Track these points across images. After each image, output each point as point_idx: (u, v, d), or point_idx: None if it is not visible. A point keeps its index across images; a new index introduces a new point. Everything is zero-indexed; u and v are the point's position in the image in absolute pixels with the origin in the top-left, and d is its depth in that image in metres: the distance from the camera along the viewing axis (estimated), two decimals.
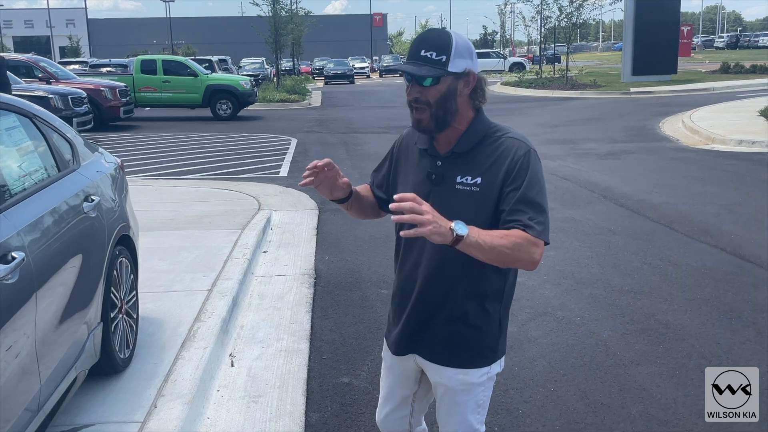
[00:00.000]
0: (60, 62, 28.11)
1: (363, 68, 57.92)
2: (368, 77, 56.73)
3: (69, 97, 15.05)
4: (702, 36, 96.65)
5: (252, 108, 23.59)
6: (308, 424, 3.60)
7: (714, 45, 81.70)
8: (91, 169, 3.76)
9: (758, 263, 6.08)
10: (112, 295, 3.65)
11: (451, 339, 2.18)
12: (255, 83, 25.54)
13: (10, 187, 2.83)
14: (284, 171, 11.76)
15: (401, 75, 2.05)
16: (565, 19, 32.54)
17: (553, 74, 36.51)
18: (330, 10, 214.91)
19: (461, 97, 2.05)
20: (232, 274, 5.60)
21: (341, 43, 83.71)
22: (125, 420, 3.36)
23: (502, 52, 59.57)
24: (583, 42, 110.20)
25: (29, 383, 2.64)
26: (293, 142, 15.43)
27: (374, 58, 72.63)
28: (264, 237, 7.17)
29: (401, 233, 1.82)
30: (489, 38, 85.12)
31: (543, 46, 45.77)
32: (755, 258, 6.22)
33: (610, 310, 5.11)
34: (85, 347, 3.26)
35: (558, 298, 5.37)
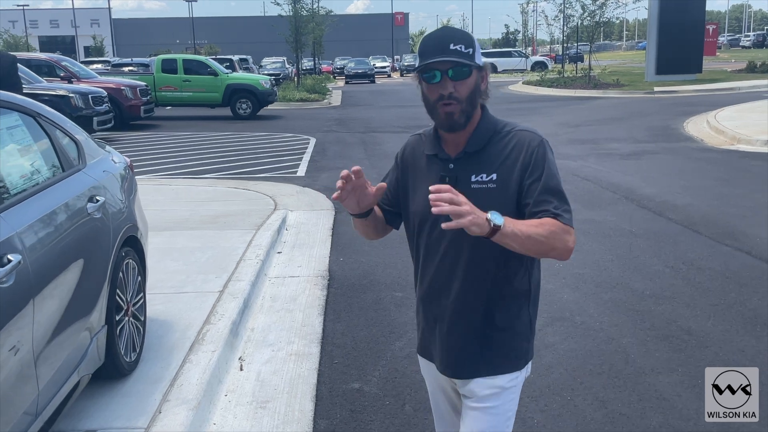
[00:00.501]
0: (83, 62, 28.30)
1: (384, 67, 57.84)
2: (389, 76, 56.65)
3: (90, 96, 15.10)
4: (728, 35, 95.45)
5: (272, 107, 23.59)
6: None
7: (740, 44, 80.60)
8: (98, 169, 3.69)
9: None
10: (118, 298, 3.58)
11: (483, 345, 2.11)
12: (275, 82, 25.56)
13: (9, 188, 2.77)
14: (302, 171, 11.69)
15: (421, 73, 1.96)
16: (588, 18, 32.23)
17: (576, 73, 36.17)
18: (352, 10, 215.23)
19: (481, 92, 2.03)
20: (245, 276, 5.53)
21: (363, 43, 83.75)
22: (128, 426, 3.29)
23: (524, 52, 59.19)
24: (607, 41, 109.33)
25: (26, 389, 2.57)
26: (312, 142, 15.37)
27: (395, 58, 72.52)
28: (279, 237, 7.09)
29: (442, 225, 1.77)
30: (511, 37, 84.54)
31: (566, 45, 45.37)
32: None
33: (631, 316, 4.97)
34: (88, 351, 3.19)
35: (576, 303, 5.23)
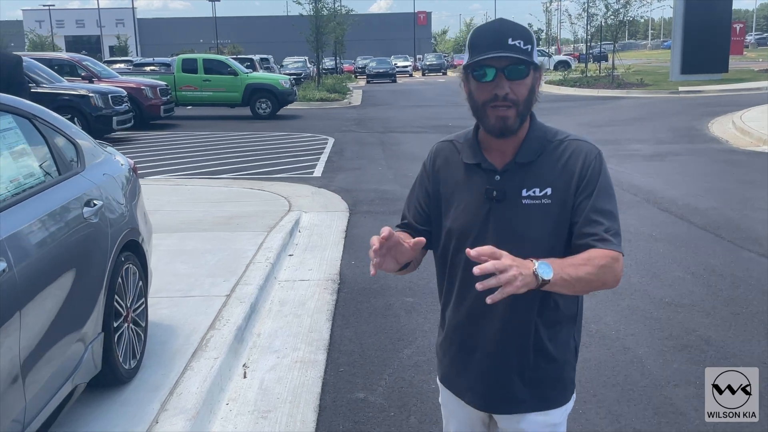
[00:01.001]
0: (105, 61, 28.50)
1: (405, 67, 57.74)
2: (411, 76, 56.54)
3: (109, 96, 15.14)
4: (755, 33, 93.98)
5: (291, 107, 23.56)
6: None
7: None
8: (97, 172, 3.61)
9: None
10: (117, 304, 3.50)
11: (532, 377, 1.92)
12: (295, 82, 25.54)
13: None
14: (318, 171, 11.61)
15: (472, 70, 1.72)
16: (612, 17, 31.86)
17: (599, 73, 35.76)
18: (375, 9, 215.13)
19: (536, 94, 1.82)
20: (253, 279, 5.44)
21: (385, 42, 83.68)
22: None
23: (547, 51, 58.71)
24: (632, 40, 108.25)
25: (12, 399, 2.49)
26: (330, 142, 15.29)
27: (417, 57, 72.33)
28: (291, 240, 7.00)
29: (487, 300, 1.54)
30: (534, 36, 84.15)
31: (589, 44, 44.91)
32: None
33: (648, 324, 4.80)
34: (83, 359, 3.11)
35: (592, 310, 5.06)
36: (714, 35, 29.99)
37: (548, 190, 1.81)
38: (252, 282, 5.39)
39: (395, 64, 52.29)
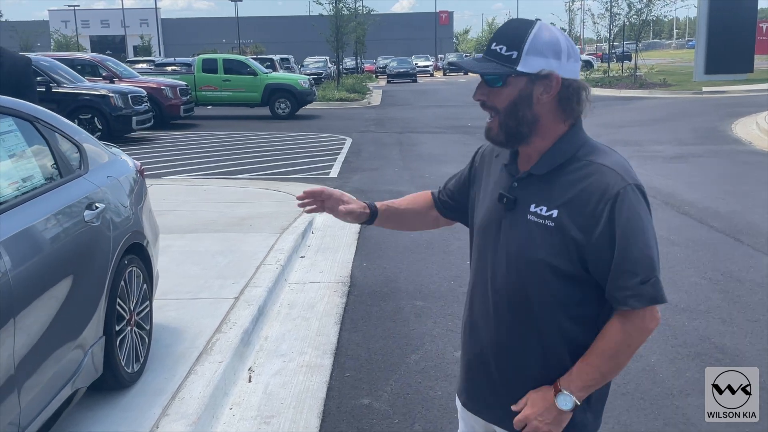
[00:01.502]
0: (128, 61, 28.75)
1: (426, 66, 57.67)
2: (431, 75, 56.43)
3: (129, 96, 15.24)
4: None
5: (311, 107, 23.59)
6: None
7: None
8: (101, 174, 3.60)
9: None
10: (119, 307, 3.48)
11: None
12: (315, 82, 25.56)
13: None
14: (335, 172, 11.58)
15: (465, 73, 1.75)
16: (635, 16, 31.55)
17: (621, 73, 35.41)
18: (397, 9, 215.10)
19: (540, 105, 1.66)
20: (262, 282, 5.42)
21: (407, 42, 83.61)
22: None
23: None
24: (656, 39, 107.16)
25: (6, 405, 2.47)
26: (348, 142, 15.27)
27: (439, 57, 72.17)
28: (303, 241, 6.98)
29: None
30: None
31: (612, 44, 44.50)
32: None
33: (661, 331, 4.70)
34: (83, 363, 3.09)
35: None
36: (739, 34, 29.60)
37: (554, 212, 1.66)
38: (261, 284, 5.36)
39: (416, 64, 52.26)
